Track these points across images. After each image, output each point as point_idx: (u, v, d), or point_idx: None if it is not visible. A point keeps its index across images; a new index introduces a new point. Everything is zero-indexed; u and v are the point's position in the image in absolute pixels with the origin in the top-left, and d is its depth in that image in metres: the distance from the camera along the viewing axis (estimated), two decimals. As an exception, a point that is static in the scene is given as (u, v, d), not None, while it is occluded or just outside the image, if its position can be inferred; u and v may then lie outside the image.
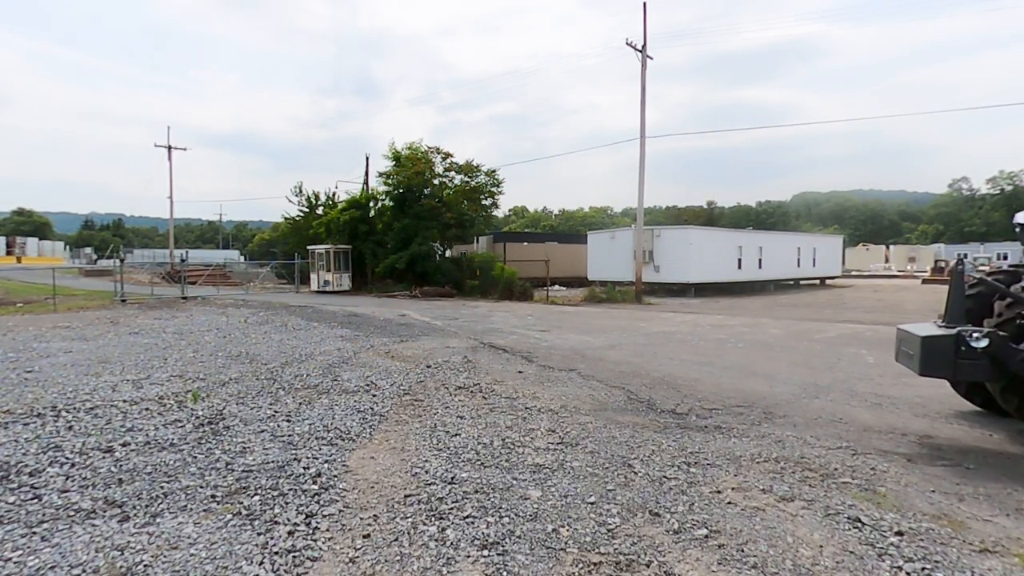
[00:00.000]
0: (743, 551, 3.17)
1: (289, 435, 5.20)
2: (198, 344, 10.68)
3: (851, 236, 79.85)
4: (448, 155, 29.62)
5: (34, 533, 3.35)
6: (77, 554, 3.12)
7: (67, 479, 4.17)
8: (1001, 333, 4.30)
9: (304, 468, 4.39)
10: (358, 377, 7.73)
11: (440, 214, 28.57)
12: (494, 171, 29.93)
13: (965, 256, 4.98)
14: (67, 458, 4.57)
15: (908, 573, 2.95)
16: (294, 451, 4.79)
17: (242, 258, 68.00)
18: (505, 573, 2.94)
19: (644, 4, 23.32)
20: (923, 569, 2.98)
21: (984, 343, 4.13)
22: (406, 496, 3.90)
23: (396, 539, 3.30)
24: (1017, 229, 4.71)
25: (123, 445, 4.90)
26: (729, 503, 3.80)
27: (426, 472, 4.34)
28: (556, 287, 29.84)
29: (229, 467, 4.42)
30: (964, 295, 4.51)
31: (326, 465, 4.47)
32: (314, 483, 4.11)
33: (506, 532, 3.37)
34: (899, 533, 3.36)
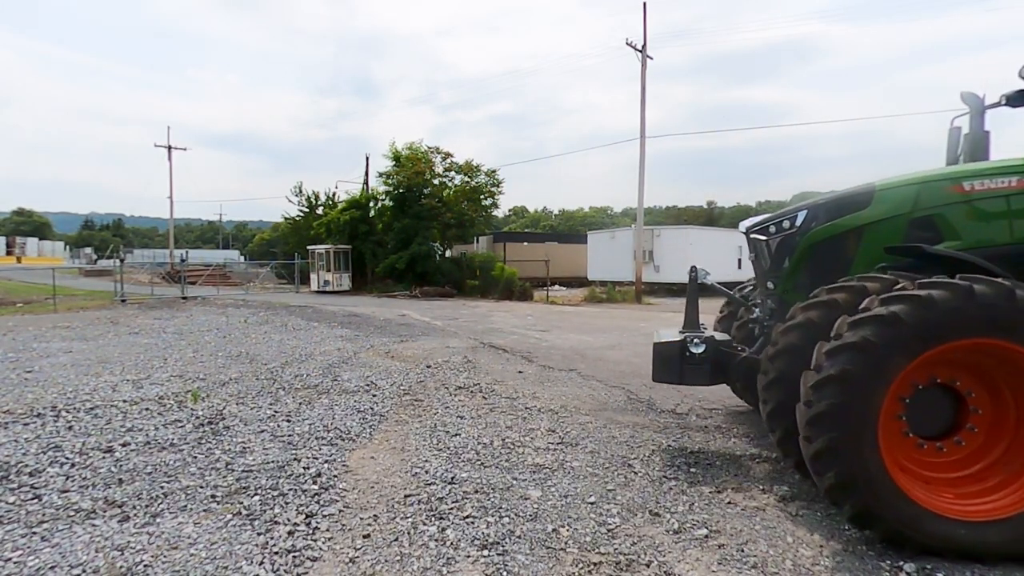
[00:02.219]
0: (743, 551, 3.17)
1: (289, 435, 5.20)
2: (198, 344, 10.68)
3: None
4: (448, 155, 29.66)
5: (34, 533, 3.35)
6: (77, 554, 3.12)
7: (67, 479, 4.16)
8: (718, 338, 4.49)
9: (304, 468, 4.39)
10: (358, 377, 7.73)
11: (440, 214, 28.58)
12: (494, 171, 29.97)
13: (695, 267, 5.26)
14: (67, 458, 4.57)
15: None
16: (294, 451, 4.79)
17: (242, 258, 68.01)
18: (505, 573, 2.94)
19: (644, 4, 23.34)
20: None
21: (701, 348, 4.29)
22: (406, 496, 3.90)
23: (396, 539, 3.30)
24: (746, 237, 4.82)
25: (123, 445, 4.90)
26: (730, 503, 3.80)
27: (426, 472, 4.34)
28: (556, 287, 29.86)
29: (229, 467, 4.42)
30: (696, 302, 4.72)
31: (326, 465, 4.47)
32: (314, 483, 4.11)
33: (506, 532, 3.37)
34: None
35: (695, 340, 4.33)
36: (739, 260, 28.52)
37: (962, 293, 2.90)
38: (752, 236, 4.75)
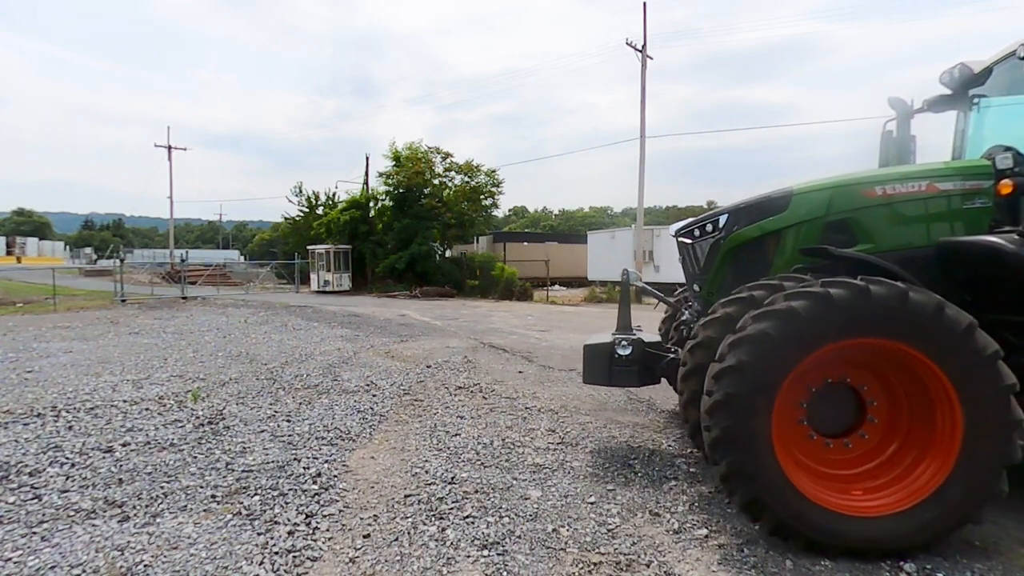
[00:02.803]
0: (743, 551, 3.16)
1: (289, 435, 5.20)
2: (198, 344, 10.68)
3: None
4: (448, 155, 29.67)
5: (34, 533, 3.35)
6: (77, 554, 3.12)
7: (67, 479, 4.16)
8: (647, 340, 4.53)
9: (304, 468, 4.39)
10: (358, 377, 7.73)
11: (440, 214, 28.59)
12: (494, 171, 29.98)
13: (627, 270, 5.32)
14: (67, 458, 4.57)
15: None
16: (294, 451, 4.79)
17: (242, 258, 67.98)
18: (505, 573, 2.94)
19: (644, 4, 23.35)
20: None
21: (628, 351, 4.33)
22: (406, 496, 3.90)
23: (396, 539, 3.30)
24: (676, 240, 4.86)
25: (123, 445, 4.90)
26: (730, 503, 3.80)
27: (426, 472, 4.34)
28: (556, 287, 29.86)
29: (229, 467, 4.42)
30: (628, 305, 4.75)
31: (326, 465, 4.47)
32: (314, 483, 4.11)
33: (506, 532, 3.37)
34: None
35: (623, 342, 4.37)
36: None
37: (858, 293, 2.96)
38: (679, 240, 4.80)
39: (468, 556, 3.10)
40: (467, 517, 3.57)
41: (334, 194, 33.81)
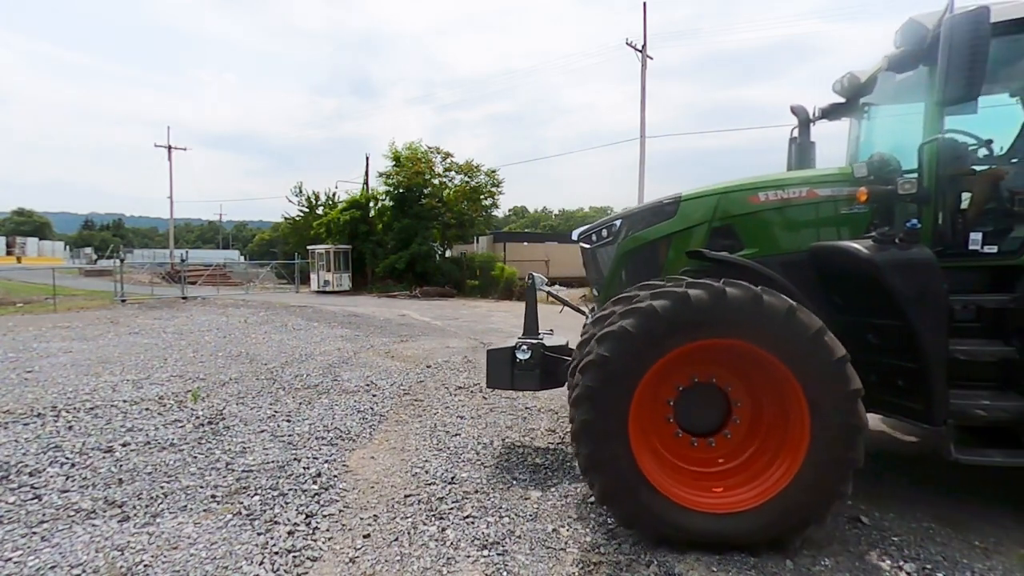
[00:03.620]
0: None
1: (289, 435, 5.20)
2: (198, 344, 10.68)
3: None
4: (448, 155, 29.65)
5: (34, 533, 3.35)
6: (77, 554, 3.12)
7: (67, 479, 4.17)
8: (549, 344, 4.55)
9: (304, 468, 4.39)
10: (358, 377, 7.73)
11: (440, 214, 28.57)
12: (494, 171, 29.96)
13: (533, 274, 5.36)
14: (67, 458, 4.57)
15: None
16: (294, 451, 4.79)
17: (242, 258, 67.93)
18: (505, 573, 2.94)
19: (644, 4, 23.36)
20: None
21: (527, 355, 4.37)
22: (406, 496, 3.90)
23: (396, 539, 3.30)
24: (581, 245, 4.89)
25: (123, 445, 4.90)
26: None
27: (426, 472, 4.34)
28: (556, 287, 29.84)
29: (229, 467, 4.42)
30: (535, 308, 4.80)
31: (326, 465, 4.47)
32: (314, 483, 4.11)
33: (506, 532, 3.37)
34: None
35: (523, 347, 4.41)
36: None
37: (715, 294, 3.03)
38: (580, 245, 4.86)
39: (468, 556, 3.10)
40: (467, 517, 3.57)
41: (334, 194, 33.81)
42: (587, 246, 4.67)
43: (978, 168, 3.75)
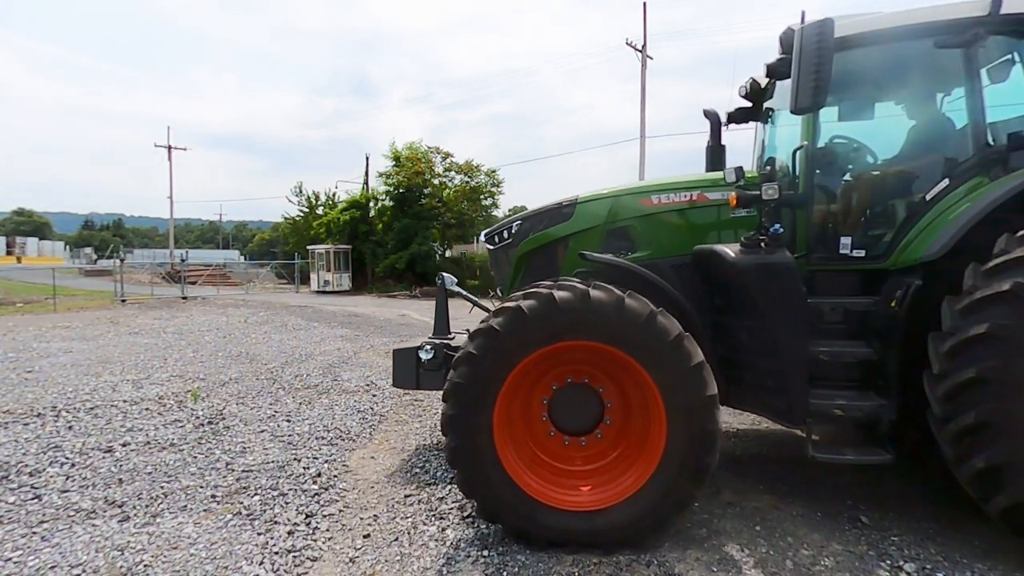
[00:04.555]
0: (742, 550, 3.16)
1: (289, 435, 5.20)
2: (198, 344, 10.68)
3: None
4: (448, 155, 29.66)
5: (34, 533, 3.36)
6: (77, 554, 3.12)
7: (67, 479, 4.17)
8: (451, 345, 4.55)
9: (304, 468, 4.39)
10: (358, 377, 7.73)
11: (440, 214, 28.56)
12: (494, 171, 29.98)
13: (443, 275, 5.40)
14: (67, 458, 4.57)
15: (908, 573, 2.95)
16: (294, 451, 4.79)
17: (242, 258, 67.92)
18: (505, 573, 2.94)
19: (644, 4, 23.36)
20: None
21: (430, 355, 4.41)
22: (406, 496, 3.90)
23: (396, 539, 3.30)
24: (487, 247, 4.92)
25: (123, 445, 4.90)
26: (729, 503, 3.80)
27: (426, 472, 4.34)
28: (556, 287, 29.75)
29: (229, 467, 4.42)
30: (445, 309, 4.85)
31: (326, 465, 4.47)
32: (314, 483, 4.11)
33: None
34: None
35: (426, 347, 4.44)
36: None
37: (581, 297, 3.06)
38: (486, 246, 4.90)
39: (468, 556, 3.10)
40: (467, 517, 3.57)
41: (334, 194, 33.79)
42: (491, 247, 4.73)
43: (857, 174, 3.93)
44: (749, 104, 4.63)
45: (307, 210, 33.95)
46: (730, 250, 3.43)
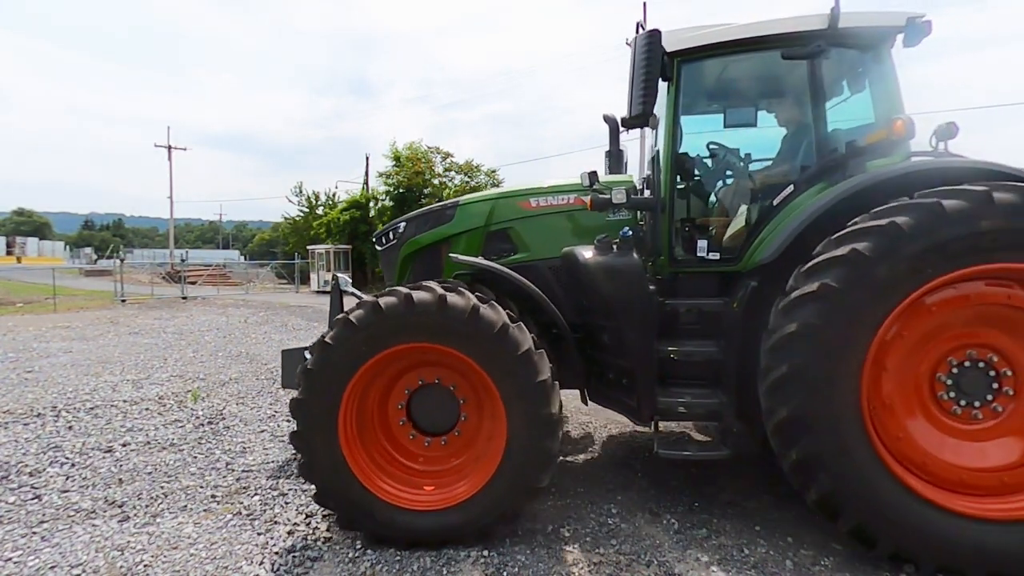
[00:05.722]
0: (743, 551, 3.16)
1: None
2: (198, 344, 10.68)
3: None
4: (448, 155, 29.66)
5: (34, 533, 3.36)
6: (77, 554, 3.12)
7: (67, 479, 4.17)
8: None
9: (304, 468, 4.39)
10: (358, 377, 7.72)
11: (440, 214, 28.52)
12: (494, 171, 30.00)
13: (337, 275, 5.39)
14: (67, 458, 4.58)
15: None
16: (294, 451, 4.77)
17: (242, 258, 67.89)
18: (505, 573, 2.94)
19: (644, 4, 23.35)
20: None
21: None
22: (406, 496, 3.89)
23: (396, 539, 3.29)
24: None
25: (123, 445, 4.90)
26: (730, 503, 3.80)
27: (426, 472, 4.34)
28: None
29: (229, 467, 4.42)
30: (340, 308, 4.82)
31: (326, 465, 4.46)
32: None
33: (506, 532, 3.36)
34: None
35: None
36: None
37: (403, 299, 3.09)
38: (376, 246, 4.94)
39: (468, 556, 3.10)
40: (467, 517, 3.56)
41: (334, 194, 33.81)
42: (379, 248, 4.76)
43: (718, 180, 4.09)
44: None
45: (307, 210, 33.96)
46: (586, 252, 3.56)
